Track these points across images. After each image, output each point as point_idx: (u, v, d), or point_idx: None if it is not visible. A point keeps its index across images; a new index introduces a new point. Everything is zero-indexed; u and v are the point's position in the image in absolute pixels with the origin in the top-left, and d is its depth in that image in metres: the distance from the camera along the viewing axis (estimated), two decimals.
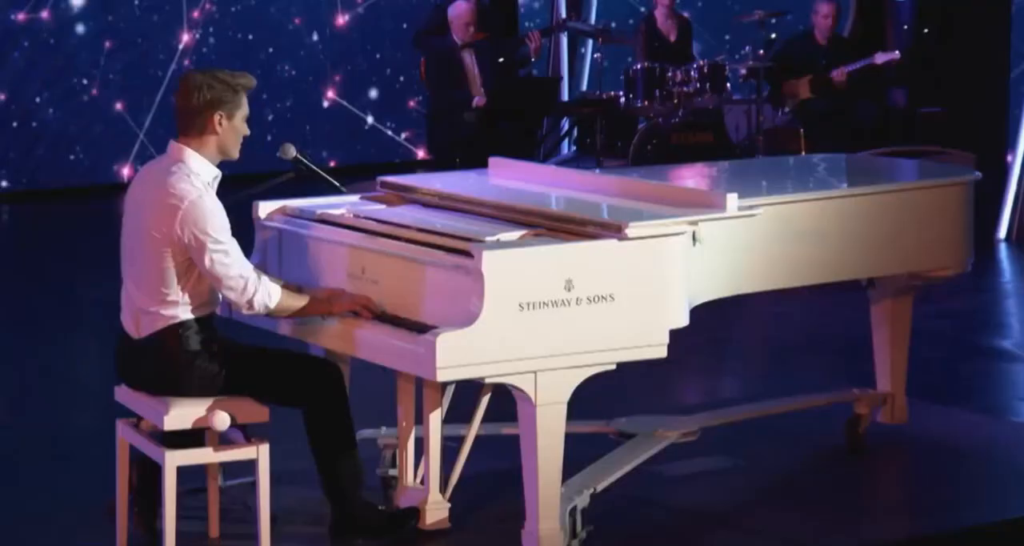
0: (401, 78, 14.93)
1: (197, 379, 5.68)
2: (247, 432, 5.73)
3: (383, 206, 6.33)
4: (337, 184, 5.99)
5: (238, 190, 6.21)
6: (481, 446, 6.11)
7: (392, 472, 6.29)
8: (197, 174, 5.66)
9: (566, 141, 13.55)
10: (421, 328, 5.50)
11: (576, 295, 5.51)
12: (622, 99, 12.50)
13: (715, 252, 5.91)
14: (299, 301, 5.73)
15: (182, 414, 5.62)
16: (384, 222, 6.01)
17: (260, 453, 5.64)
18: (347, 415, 5.83)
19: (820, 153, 11.97)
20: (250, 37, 14.73)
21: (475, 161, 7.55)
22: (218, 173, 5.76)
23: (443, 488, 6.02)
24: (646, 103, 12.33)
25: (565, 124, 13.48)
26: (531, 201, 6.05)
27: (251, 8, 14.68)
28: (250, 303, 5.61)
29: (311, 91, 15.01)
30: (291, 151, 5.92)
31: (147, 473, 5.84)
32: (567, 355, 5.53)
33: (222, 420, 5.62)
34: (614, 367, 5.66)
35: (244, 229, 6.09)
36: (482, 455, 6.13)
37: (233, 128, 5.75)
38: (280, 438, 5.89)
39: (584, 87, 14.03)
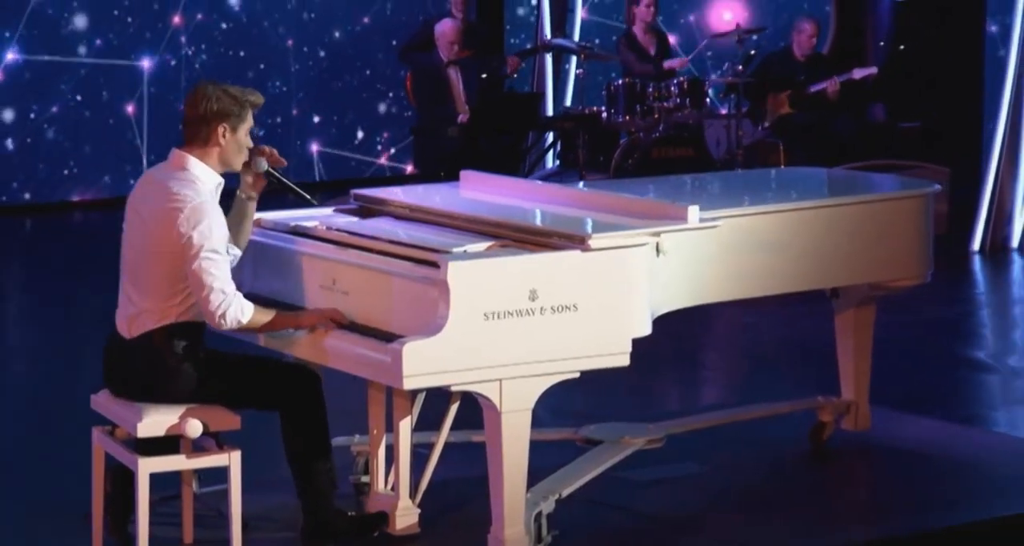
0: (391, 94, 14.96)
1: (181, 382, 5.68)
2: (219, 440, 5.73)
3: (356, 219, 6.35)
4: (307, 197, 5.98)
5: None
6: (451, 453, 6.11)
7: (364, 478, 6.28)
8: (201, 181, 5.68)
9: (550, 155, 13.57)
10: (390, 338, 5.49)
11: (540, 305, 5.51)
12: (604, 114, 12.53)
13: (678, 263, 5.92)
14: (269, 316, 5.72)
15: (155, 421, 5.61)
16: (355, 234, 6.03)
17: (232, 460, 5.64)
18: (323, 421, 5.83)
19: (798, 167, 12.14)
20: (241, 53, 14.74)
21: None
22: (221, 181, 5.76)
23: (413, 494, 6.00)
24: (627, 118, 12.36)
25: (548, 138, 13.50)
26: (498, 213, 6.06)
27: (243, 25, 14.71)
28: (223, 315, 5.58)
29: (302, 107, 15.03)
30: (263, 164, 5.88)
31: (121, 480, 5.82)
32: (532, 363, 5.54)
33: (194, 428, 5.62)
34: (578, 375, 5.65)
35: None
36: (452, 462, 6.14)
37: (236, 141, 5.76)
38: (254, 446, 5.92)
39: (569, 102, 14.05)
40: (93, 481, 5.91)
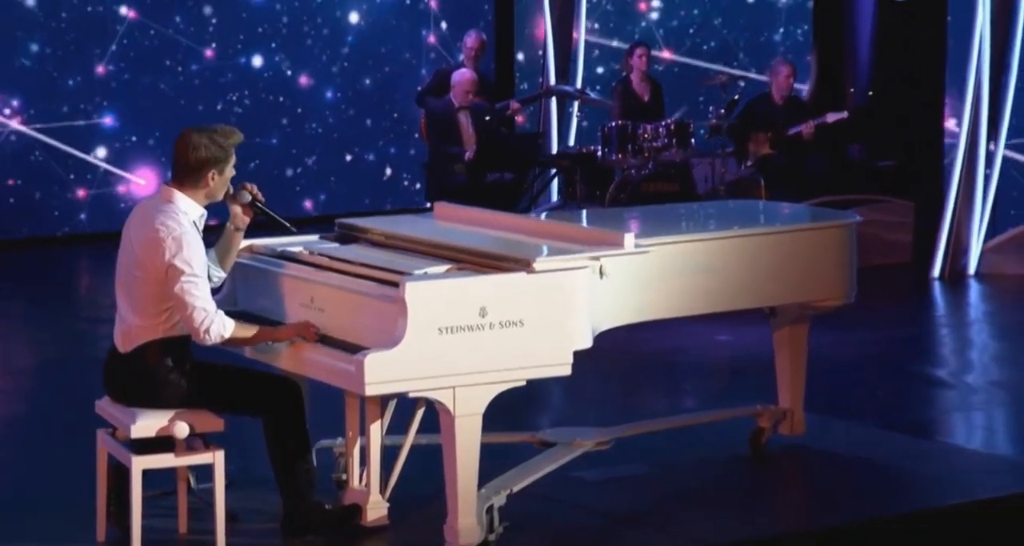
0: (415, 135, 15.03)
1: (170, 391, 5.78)
2: (206, 440, 5.83)
3: (337, 244, 6.45)
4: (288, 226, 6.08)
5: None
6: (417, 454, 6.15)
7: (345, 476, 6.35)
8: (185, 213, 5.77)
9: (553, 190, 13.63)
10: (358, 350, 5.59)
11: (489, 321, 5.60)
12: (599, 153, 12.59)
13: (620, 284, 6.00)
14: (249, 331, 5.82)
15: (147, 424, 5.73)
16: (332, 258, 6.13)
17: (216, 458, 5.75)
18: (302, 425, 5.92)
19: (778, 201, 12.16)
20: (280, 99, 14.86)
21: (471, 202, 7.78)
22: (204, 212, 5.85)
23: (383, 490, 6.08)
24: (620, 156, 12.35)
25: (550, 175, 13.56)
26: (459, 240, 6.14)
27: (283, 74, 14.82)
28: (207, 331, 5.67)
29: (336, 147, 15.12)
30: (246, 197, 5.97)
31: (123, 476, 5.90)
32: (482, 373, 5.63)
33: (182, 429, 5.73)
34: (524, 383, 5.73)
35: None
36: (418, 461, 6.17)
37: (223, 180, 5.86)
38: (246, 446, 6.03)
39: (571, 142, 14.12)
40: (97, 477, 6.00)
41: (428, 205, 14.49)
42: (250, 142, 14.05)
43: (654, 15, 15.33)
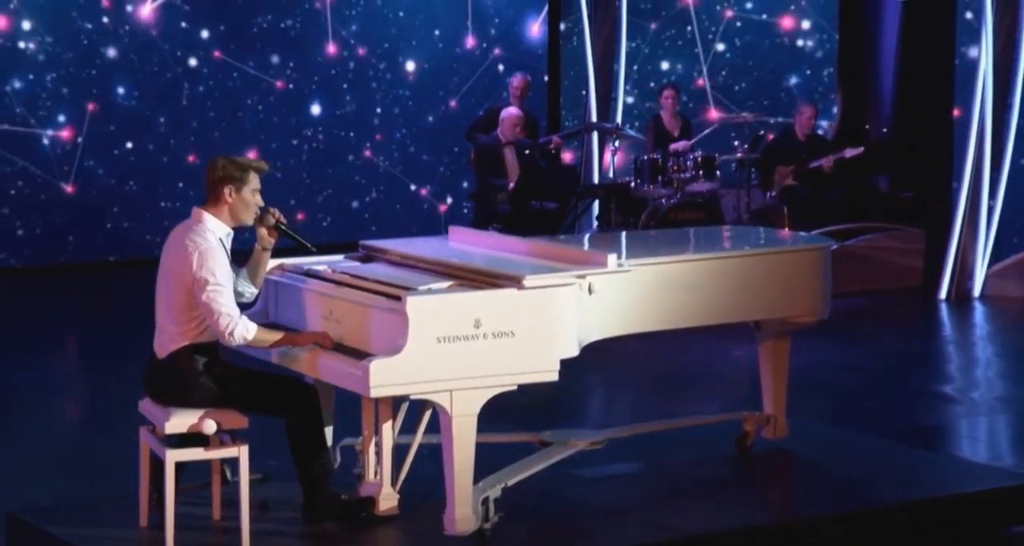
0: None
1: (200, 392, 5.93)
2: (233, 436, 6.02)
3: (358, 264, 6.58)
4: (309, 246, 6.26)
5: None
6: (425, 451, 6.29)
7: (361, 470, 6.46)
8: (212, 231, 5.94)
9: (592, 217, 13.76)
10: (367, 356, 5.73)
11: (483, 331, 5.73)
12: (633, 184, 12.73)
13: (608, 300, 6.10)
14: (271, 335, 6.00)
15: (180, 421, 5.90)
16: (350, 275, 6.29)
17: (241, 452, 5.89)
18: (319, 424, 6.03)
19: (801, 231, 12.23)
20: (351, 133, 15.08)
21: (509, 232, 7.93)
22: (230, 231, 6.01)
23: (394, 483, 6.19)
24: (651, 187, 12.52)
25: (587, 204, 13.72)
26: (463, 259, 6.26)
27: (354, 112, 15.03)
28: (231, 333, 5.85)
29: (400, 179, 15.30)
30: (271, 219, 6.12)
31: (162, 468, 6.01)
32: (476, 378, 5.74)
33: (209, 426, 5.90)
34: (515, 388, 5.83)
35: None
36: (426, 458, 6.31)
37: (242, 199, 6.01)
38: (276, 444, 6.20)
39: (611, 174, 14.26)
40: (140, 468, 6.16)
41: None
42: (322, 173, 14.48)
43: (689, 58, 15.43)
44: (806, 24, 15.36)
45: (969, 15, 12.69)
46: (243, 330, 5.89)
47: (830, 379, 9.62)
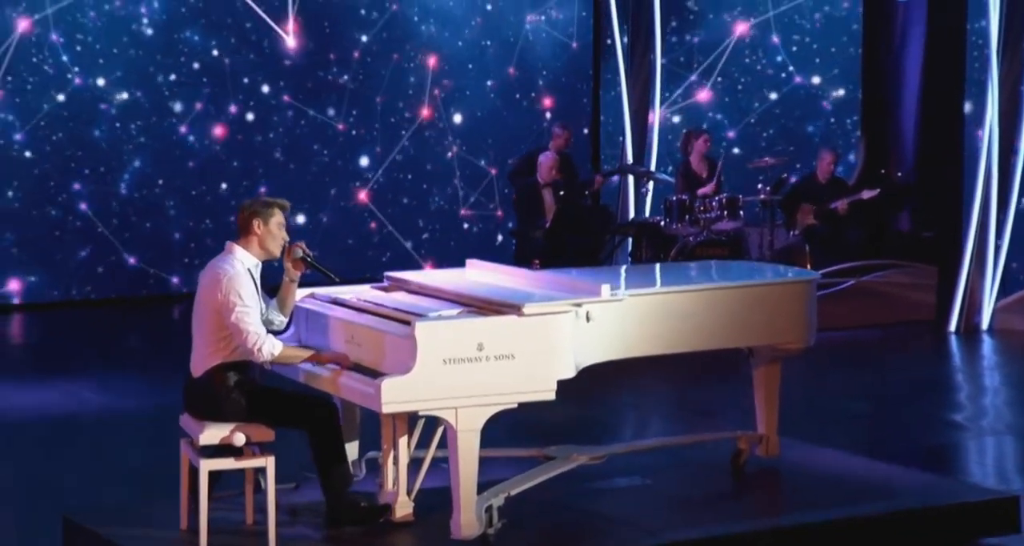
0: None
1: (231, 407, 6.12)
2: (262, 448, 6.19)
3: (382, 293, 6.77)
4: (332, 276, 6.47)
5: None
6: (438, 463, 6.43)
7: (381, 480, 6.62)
8: (241, 261, 6.16)
9: (625, 253, 13.92)
10: (381, 376, 5.94)
11: (486, 354, 5.90)
12: (662, 222, 12.89)
13: (605, 326, 6.23)
14: (297, 352, 6.23)
15: (212, 434, 6.09)
16: (371, 303, 6.49)
17: (268, 463, 6.07)
18: (339, 437, 6.19)
19: (821, 267, 12.37)
20: (409, 176, 15.32)
21: (548, 266, 8.08)
22: (258, 262, 6.22)
23: (409, 491, 6.32)
24: (679, 226, 12.67)
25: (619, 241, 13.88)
26: (474, 289, 6.43)
27: (413, 156, 15.28)
28: (259, 349, 6.07)
29: (455, 215, 15.51)
30: (298, 252, 6.32)
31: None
32: (479, 396, 5.91)
33: (239, 438, 6.09)
34: (516, 406, 6.00)
35: None
36: (438, 469, 6.44)
37: (269, 231, 6.22)
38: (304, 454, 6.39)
39: (647, 213, 14.42)
40: (181, 477, 6.35)
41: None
42: (383, 212, 14.70)
43: (718, 104, 15.59)
44: (831, 76, 15.48)
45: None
46: (270, 347, 6.11)
47: (843, 405, 9.72)
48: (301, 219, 14.62)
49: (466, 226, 15.51)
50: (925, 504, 6.76)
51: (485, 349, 5.93)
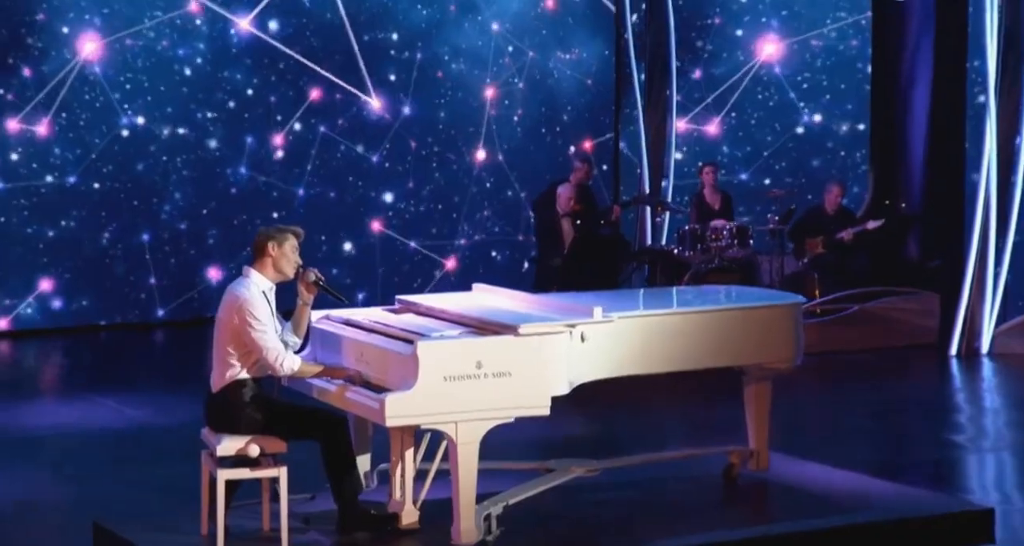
0: None
1: (246, 421, 6.26)
2: (276, 459, 6.32)
3: (392, 315, 6.90)
4: (344, 299, 6.63)
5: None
6: (442, 475, 6.49)
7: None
8: (256, 284, 6.32)
9: (642, 279, 14.01)
10: (386, 391, 6.09)
11: (484, 371, 6.02)
12: (675, 250, 12.99)
13: (598, 347, 6.34)
14: (312, 368, 6.40)
15: (229, 446, 6.24)
16: (381, 324, 6.62)
17: (281, 473, 6.23)
18: (348, 449, 6.32)
19: (828, 294, 12.45)
20: (439, 207, 15.49)
21: (566, 291, 8.23)
22: (272, 285, 6.36)
23: (415, 501, 6.45)
24: (691, 253, 12.77)
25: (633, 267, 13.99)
26: (475, 311, 6.54)
27: (443, 188, 15.44)
28: (280, 364, 6.23)
29: (484, 246, 15.68)
30: (311, 276, 6.47)
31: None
32: (478, 411, 6.03)
33: (254, 450, 6.24)
34: (512, 420, 6.11)
35: None
36: (443, 480, 6.48)
37: (283, 253, 6.36)
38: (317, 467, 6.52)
39: (664, 242, 14.51)
40: (202, 486, 6.50)
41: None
42: (415, 241, 14.85)
43: (731, 138, 15.71)
44: (840, 112, 15.58)
45: (983, 98, 12.87)
46: (290, 362, 6.28)
47: (847, 422, 9.80)
48: (347, 246, 14.90)
49: (494, 253, 15.63)
50: (905, 515, 6.83)
51: (483, 367, 6.05)
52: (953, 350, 12.58)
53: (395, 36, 14.99)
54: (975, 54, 12.82)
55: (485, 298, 7.07)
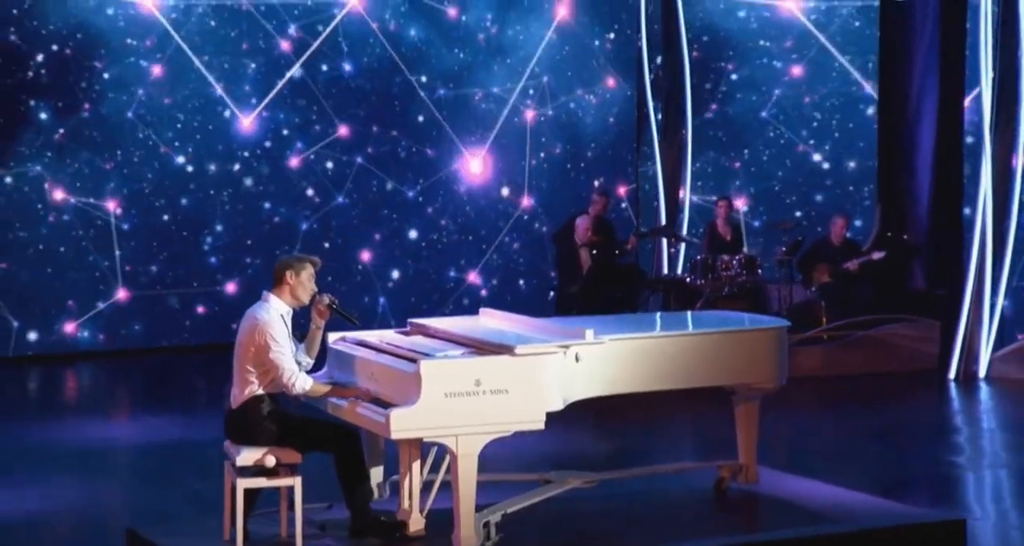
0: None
1: (264, 433, 6.44)
2: (291, 469, 6.47)
3: (403, 336, 7.07)
4: (355, 321, 6.80)
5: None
6: (447, 485, 6.53)
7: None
8: (275, 308, 6.51)
9: (658, 306, 14.12)
10: (392, 407, 6.25)
11: (483, 388, 6.16)
12: (688, 279, 13.12)
13: (592, 366, 6.48)
14: (324, 388, 6.56)
15: (247, 456, 6.42)
16: (391, 344, 6.80)
17: (295, 482, 6.41)
18: (360, 460, 6.48)
19: (834, 321, 12.52)
20: (470, 238, 15.65)
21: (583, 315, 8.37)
22: (289, 310, 6.54)
23: (422, 509, 6.60)
24: (703, 282, 12.90)
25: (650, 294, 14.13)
26: (480, 333, 6.70)
27: (473, 220, 15.63)
28: (293, 385, 6.41)
29: (513, 275, 15.81)
30: (326, 300, 6.67)
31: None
32: (476, 425, 6.17)
33: (270, 461, 6.41)
34: (510, 434, 6.25)
35: None
36: (448, 491, 6.52)
37: (300, 281, 6.55)
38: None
39: (679, 271, 14.64)
40: (224, 494, 6.66)
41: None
42: (446, 270, 15.05)
43: (746, 176, 15.84)
44: (848, 149, 15.69)
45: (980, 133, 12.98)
46: (303, 382, 6.46)
47: (848, 443, 9.87)
48: (393, 274, 15.12)
49: (521, 282, 15.79)
50: (883, 525, 6.92)
51: (482, 384, 6.19)
52: (952, 374, 12.62)
53: (424, 78, 15.19)
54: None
55: (489, 321, 7.22)
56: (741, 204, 14.78)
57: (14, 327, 13.79)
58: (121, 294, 14.19)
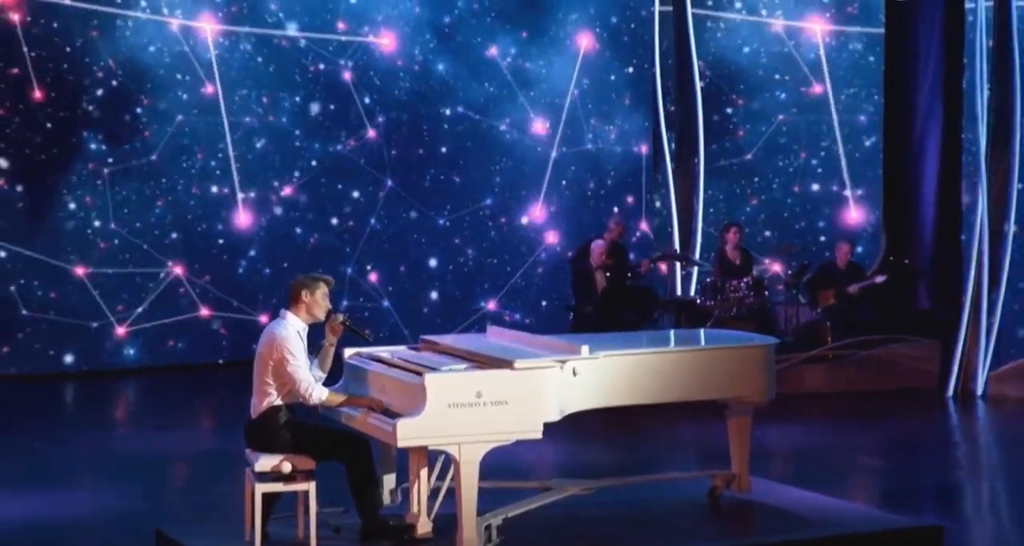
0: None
1: (280, 441, 6.60)
2: (306, 475, 6.63)
3: (413, 352, 7.22)
4: (367, 337, 6.99)
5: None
6: (453, 491, 6.68)
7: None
8: (292, 325, 6.69)
9: (670, 326, 14.20)
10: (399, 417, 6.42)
11: (484, 400, 6.32)
12: (698, 301, 13.25)
13: (588, 380, 6.63)
14: (338, 398, 6.73)
15: (265, 463, 6.59)
16: (402, 359, 6.97)
17: (310, 487, 6.57)
18: (371, 467, 6.63)
19: (839, 340, 12.60)
20: (494, 261, 15.82)
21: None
22: (305, 326, 6.71)
23: (429, 514, 6.71)
24: (712, 303, 13.03)
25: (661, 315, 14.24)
26: (485, 348, 6.84)
27: (498, 245, 15.79)
28: (310, 395, 6.58)
29: (536, 296, 15.95)
30: (340, 318, 6.84)
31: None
32: (478, 434, 6.32)
33: (286, 467, 6.57)
34: (510, 443, 6.39)
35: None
36: (454, 496, 6.66)
37: (315, 299, 6.72)
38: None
39: (691, 293, 14.75)
40: (245, 498, 6.82)
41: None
42: (472, 292, 15.23)
43: (755, 203, 15.95)
44: (855, 176, 15.80)
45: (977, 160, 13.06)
46: (319, 393, 6.64)
47: (848, 457, 9.94)
48: (433, 296, 15.27)
49: (544, 303, 15.92)
50: (867, 530, 7.04)
51: (483, 396, 6.35)
52: (950, 392, 12.68)
53: (448, 111, 15.39)
54: (969, 127, 13.02)
55: (496, 338, 7.37)
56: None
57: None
58: (165, 313, 14.39)
